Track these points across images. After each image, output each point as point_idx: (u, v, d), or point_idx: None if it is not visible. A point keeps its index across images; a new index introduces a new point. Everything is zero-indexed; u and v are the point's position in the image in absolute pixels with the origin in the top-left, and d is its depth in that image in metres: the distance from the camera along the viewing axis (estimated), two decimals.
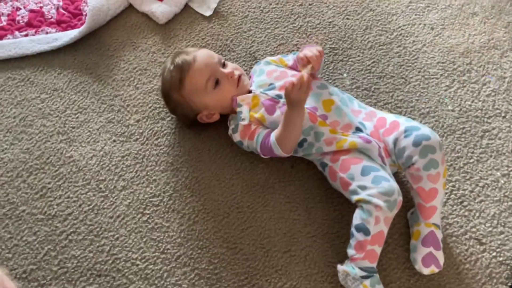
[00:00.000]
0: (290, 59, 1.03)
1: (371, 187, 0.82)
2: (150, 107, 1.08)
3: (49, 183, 0.98)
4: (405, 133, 0.86)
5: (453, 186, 0.96)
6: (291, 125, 0.87)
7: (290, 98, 0.86)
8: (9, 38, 1.17)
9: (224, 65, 0.98)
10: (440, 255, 0.85)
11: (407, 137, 0.85)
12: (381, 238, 0.82)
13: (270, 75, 0.99)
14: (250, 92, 0.98)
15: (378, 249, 0.82)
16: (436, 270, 0.84)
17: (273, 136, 0.90)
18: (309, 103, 0.92)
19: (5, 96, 1.10)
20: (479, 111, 1.06)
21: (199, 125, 1.01)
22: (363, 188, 0.82)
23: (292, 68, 1.02)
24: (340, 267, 0.83)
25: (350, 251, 0.83)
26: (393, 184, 0.82)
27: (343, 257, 0.88)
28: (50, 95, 1.10)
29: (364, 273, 0.81)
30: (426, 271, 0.84)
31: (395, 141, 0.87)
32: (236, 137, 0.97)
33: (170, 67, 0.97)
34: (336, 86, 1.10)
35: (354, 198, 0.84)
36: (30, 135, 1.04)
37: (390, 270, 0.87)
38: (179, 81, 0.95)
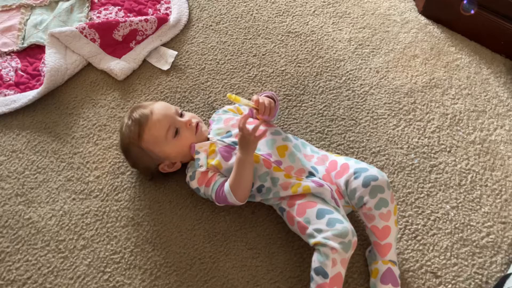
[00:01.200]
0: (246, 108, 1.08)
1: (326, 229, 0.85)
2: (110, 162, 1.09)
3: (7, 247, 0.96)
4: (355, 174, 0.91)
5: (407, 221, 1.00)
6: (243, 171, 0.90)
7: (241, 140, 0.89)
8: None
9: (181, 115, 1.02)
10: None
11: (357, 179, 0.90)
12: (339, 280, 0.84)
13: (227, 123, 1.03)
14: (208, 139, 1.02)
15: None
16: None
17: (227, 184, 0.93)
18: (264, 150, 0.96)
19: None
20: (426, 147, 1.12)
21: (161, 175, 1.03)
22: (319, 231, 0.85)
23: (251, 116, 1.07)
24: None
25: None
26: (347, 226, 0.85)
27: None
28: (8, 157, 1.10)
29: None
30: None
31: (346, 183, 0.91)
32: (194, 184, 0.99)
33: (128, 122, 1.00)
34: (291, 131, 1.15)
35: (311, 241, 0.86)
36: None
37: None
38: (138, 134, 0.97)
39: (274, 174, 0.94)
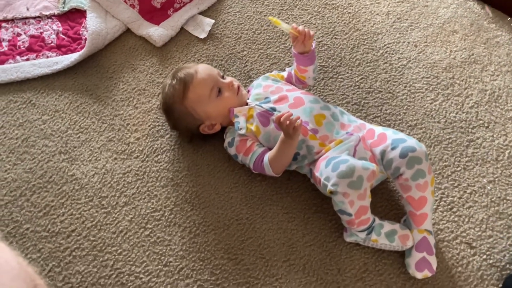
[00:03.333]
0: (285, 72, 1.10)
1: (332, 175, 0.85)
2: (149, 126, 1.12)
3: (52, 201, 1.00)
4: (392, 145, 0.91)
5: (442, 193, 1.01)
6: (284, 151, 0.92)
7: (283, 129, 0.90)
8: (10, 63, 1.21)
9: (223, 78, 1.04)
10: (433, 260, 0.88)
11: (394, 149, 0.90)
12: (365, 209, 0.86)
13: (266, 89, 1.04)
14: (246, 104, 1.03)
15: (366, 216, 0.87)
16: (429, 274, 0.88)
17: (266, 158, 0.95)
18: (302, 117, 0.97)
19: (7, 118, 1.13)
20: (463, 122, 1.11)
21: (200, 138, 1.05)
22: (327, 179, 0.86)
23: (287, 80, 1.09)
24: (347, 239, 0.93)
25: (345, 225, 0.90)
26: (352, 163, 0.85)
27: (341, 265, 0.92)
28: (51, 116, 1.13)
29: (365, 231, 0.89)
30: (419, 275, 0.87)
31: (383, 153, 0.92)
32: (232, 151, 1.01)
33: (172, 82, 1.02)
34: (327, 102, 1.15)
35: (326, 192, 0.88)
36: (33, 155, 1.07)
37: (386, 276, 0.90)
38: (182, 93, 1.00)
39: (309, 142, 0.95)
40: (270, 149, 0.97)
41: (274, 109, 0.99)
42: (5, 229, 0.96)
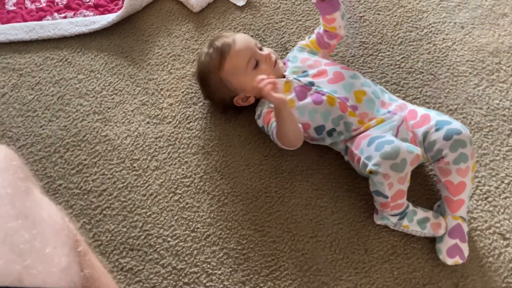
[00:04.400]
0: (314, 35, 1.06)
1: (375, 155, 0.83)
2: (183, 92, 1.11)
3: (85, 159, 1.01)
4: (436, 126, 0.88)
5: (479, 182, 0.97)
6: (280, 122, 0.90)
7: (266, 99, 0.88)
8: (48, 19, 1.21)
9: (260, 49, 1.01)
10: (465, 247, 0.86)
11: (438, 131, 0.87)
12: (401, 194, 0.84)
13: (303, 62, 1.02)
14: (283, 77, 1.01)
15: (401, 201, 0.86)
16: (460, 262, 0.86)
17: (275, 133, 0.93)
18: (341, 93, 0.94)
19: (43, 75, 1.14)
20: (507, 110, 1.07)
21: (233, 109, 1.04)
22: (369, 158, 0.84)
23: (319, 43, 1.04)
24: (378, 222, 0.91)
25: (378, 207, 0.89)
26: (398, 144, 0.82)
27: (369, 246, 0.91)
28: (87, 76, 1.14)
29: (398, 216, 0.87)
30: (450, 261, 0.86)
31: (425, 134, 0.89)
32: (260, 122, 1.00)
33: (208, 51, 1.00)
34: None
35: (366, 171, 0.85)
36: (68, 113, 1.08)
37: (415, 260, 0.89)
38: (219, 63, 0.98)
39: (348, 118, 0.93)
40: (304, 124, 0.95)
41: (312, 84, 0.97)
42: (39, 184, 0.98)
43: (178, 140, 1.04)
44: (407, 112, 0.95)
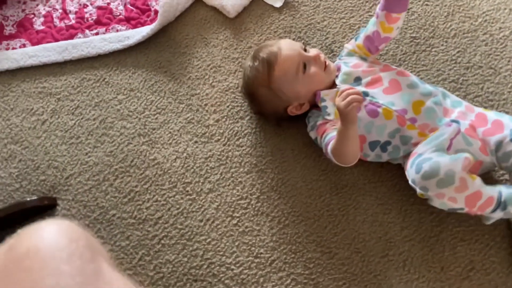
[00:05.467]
0: (360, 37, 0.97)
1: (417, 178, 0.78)
2: (228, 106, 1.06)
3: (135, 186, 0.98)
4: (511, 136, 0.81)
5: None
6: (342, 141, 0.83)
7: (341, 112, 0.81)
8: (80, 37, 1.16)
9: (306, 51, 0.95)
10: None
11: None
12: (477, 195, 0.78)
13: (356, 68, 0.95)
14: (335, 85, 0.95)
15: (483, 200, 0.78)
16: None
17: (330, 146, 0.87)
18: (399, 105, 0.88)
19: (82, 97, 1.09)
20: None
21: (287, 119, 0.98)
22: (414, 182, 0.79)
23: (367, 45, 0.96)
24: (487, 223, 0.83)
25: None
26: (436, 160, 0.77)
27: (445, 263, 0.86)
28: (127, 95, 1.09)
29: (498, 209, 0.80)
30: None
31: (499, 144, 0.82)
32: (313, 134, 0.95)
33: (254, 64, 0.95)
34: (421, 78, 1.04)
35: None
36: (112, 137, 1.04)
37: (495, 275, 0.84)
38: (267, 74, 0.92)
39: (406, 132, 0.86)
40: (361, 137, 0.89)
41: (366, 94, 0.90)
42: (91, 215, 0.95)
43: (229, 158, 0.99)
44: (474, 116, 0.88)
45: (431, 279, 0.84)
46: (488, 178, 0.93)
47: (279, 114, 0.97)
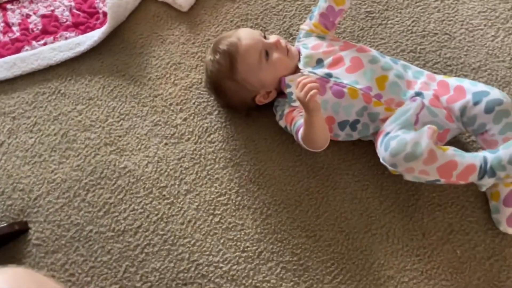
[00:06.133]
0: (315, 15, 0.96)
1: (386, 156, 0.80)
2: (194, 103, 1.03)
3: (109, 198, 0.94)
4: (474, 100, 0.83)
5: None
6: (309, 129, 0.83)
7: (302, 103, 0.80)
8: (27, 50, 1.09)
9: (265, 38, 0.94)
10: None
11: (477, 105, 0.82)
12: (451, 165, 0.79)
13: (316, 49, 0.94)
14: (298, 69, 0.94)
15: (459, 169, 0.79)
16: None
17: (299, 134, 0.87)
18: (363, 83, 0.88)
19: (39, 113, 1.04)
20: None
21: (255, 109, 0.97)
22: (384, 160, 0.82)
23: (322, 21, 0.95)
24: (482, 190, 0.84)
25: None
26: (403, 136, 0.79)
27: (425, 229, 0.88)
28: (86, 105, 1.04)
29: (485, 176, 0.80)
30: None
31: (463, 109, 0.84)
32: (282, 123, 0.94)
33: (214, 58, 0.93)
34: (381, 53, 1.05)
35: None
36: (77, 150, 0.99)
37: (474, 234, 0.87)
38: (230, 66, 0.91)
39: (373, 109, 0.87)
40: (329, 118, 0.89)
41: (330, 75, 0.90)
42: (67, 234, 0.92)
43: (202, 156, 0.97)
44: (436, 85, 0.90)
45: (415, 246, 0.87)
46: (455, 142, 0.96)
47: (247, 105, 0.96)
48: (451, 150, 0.81)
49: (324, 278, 0.85)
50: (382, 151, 0.82)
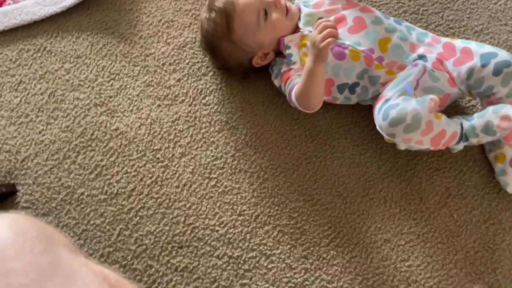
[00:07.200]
0: None
1: (384, 124, 0.79)
2: (188, 63, 0.99)
3: (101, 160, 0.91)
4: (482, 62, 0.81)
5: None
6: (309, 81, 0.80)
7: (315, 46, 0.77)
8: (9, 4, 1.02)
9: None
10: None
11: (485, 67, 0.80)
12: (441, 134, 0.79)
13: (317, 7, 0.91)
14: (298, 29, 0.90)
15: (447, 136, 0.80)
16: None
17: (294, 90, 0.84)
18: (365, 44, 0.85)
19: (24, 71, 0.98)
20: None
21: (253, 71, 0.94)
22: (381, 128, 0.80)
23: None
24: (454, 152, 0.87)
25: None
26: (404, 106, 0.77)
27: (423, 193, 0.88)
28: (74, 63, 0.99)
29: (460, 142, 0.83)
30: None
31: (470, 72, 0.82)
32: (277, 82, 0.91)
33: (211, 15, 0.88)
34: (383, 13, 1.02)
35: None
36: (65, 111, 0.95)
37: (471, 198, 0.87)
38: (226, 26, 0.86)
39: (374, 72, 0.85)
40: (328, 80, 0.87)
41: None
42: (57, 197, 0.89)
43: (197, 119, 0.94)
44: (441, 47, 0.87)
45: (412, 210, 0.87)
46: (456, 106, 0.94)
47: (244, 67, 0.92)
48: (443, 119, 0.80)
49: (321, 241, 0.85)
50: (380, 120, 0.80)
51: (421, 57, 0.86)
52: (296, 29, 0.91)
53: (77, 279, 0.42)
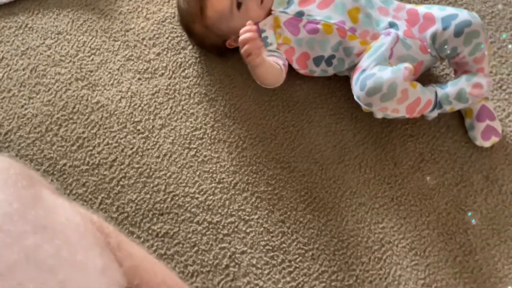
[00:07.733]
0: None
1: (361, 94, 0.81)
2: (167, 38, 1.01)
3: (83, 132, 0.93)
4: (443, 25, 0.83)
5: (491, 72, 0.96)
6: (259, 75, 0.86)
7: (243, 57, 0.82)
8: None
9: None
10: (497, 124, 0.88)
11: (446, 29, 0.82)
12: (416, 102, 0.82)
13: None
14: (271, 12, 0.92)
15: (421, 104, 0.83)
16: (497, 140, 0.88)
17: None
18: (335, 17, 0.87)
19: (6, 48, 1.00)
20: None
21: (229, 51, 0.96)
22: (358, 98, 0.83)
23: None
24: (429, 119, 0.89)
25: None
26: (380, 75, 0.79)
27: (397, 159, 0.90)
28: (55, 39, 1.00)
29: (435, 110, 0.86)
30: (487, 143, 0.87)
31: (434, 36, 0.84)
32: None
33: None
34: None
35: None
36: (47, 85, 0.97)
37: (443, 162, 0.90)
38: (200, 10, 0.88)
39: (349, 43, 0.87)
40: (304, 54, 0.89)
41: (301, 13, 0.88)
42: (40, 168, 0.90)
43: (177, 91, 0.96)
44: (406, 13, 0.89)
45: (386, 175, 0.89)
46: (430, 75, 0.97)
47: (218, 47, 0.95)
48: (418, 87, 0.83)
49: (298, 206, 0.87)
50: (358, 90, 0.82)
51: (392, 25, 0.88)
52: (269, 12, 0.92)
53: (59, 213, 0.43)
